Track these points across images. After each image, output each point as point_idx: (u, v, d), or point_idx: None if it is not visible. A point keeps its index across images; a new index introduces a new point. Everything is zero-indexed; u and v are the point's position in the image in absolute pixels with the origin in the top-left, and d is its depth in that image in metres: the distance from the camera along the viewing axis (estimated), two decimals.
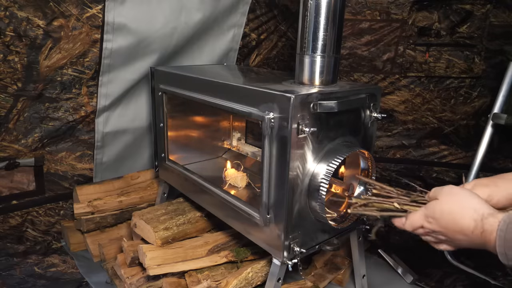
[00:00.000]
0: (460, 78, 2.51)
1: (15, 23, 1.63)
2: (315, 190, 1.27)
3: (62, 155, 2.04)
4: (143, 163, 2.36)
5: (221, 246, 1.72)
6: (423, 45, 2.49)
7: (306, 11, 1.29)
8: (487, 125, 1.94)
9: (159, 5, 1.88)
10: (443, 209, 0.89)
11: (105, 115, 2.03)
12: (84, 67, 1.87)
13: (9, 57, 1.67)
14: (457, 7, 2.38)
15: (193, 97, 1.61)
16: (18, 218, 1.99)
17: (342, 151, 1.31)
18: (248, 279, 1.55)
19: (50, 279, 1.86)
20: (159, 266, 1.58)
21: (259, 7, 2.44)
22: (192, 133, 2.10)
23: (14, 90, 1.74)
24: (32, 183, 2.00)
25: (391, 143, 2.77)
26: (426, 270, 2.00)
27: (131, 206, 2.11)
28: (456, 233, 0.88)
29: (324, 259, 1.93)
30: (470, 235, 0.85)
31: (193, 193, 1.80)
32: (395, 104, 2.67)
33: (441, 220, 0.90)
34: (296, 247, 1.31)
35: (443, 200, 0.91)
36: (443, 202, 0.90)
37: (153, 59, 1.99)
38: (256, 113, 1.28)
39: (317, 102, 1.22)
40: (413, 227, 0.96)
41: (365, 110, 1.44)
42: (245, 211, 1.43)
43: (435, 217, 0.90)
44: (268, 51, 2.66)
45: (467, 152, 2.62)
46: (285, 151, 1.21)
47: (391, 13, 2.47)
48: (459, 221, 0.86)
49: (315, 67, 1.34)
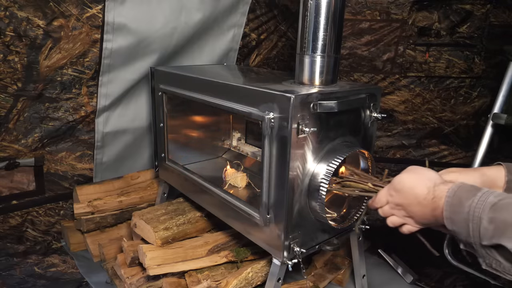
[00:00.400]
0: (460, 78, 2.51)
1: (15, 23, 1.63)
2: (315, 190, 1.27)
3: (62, 155, 2.04)
4: (143, 163, 2.36)
5: (221, 246, 1.72)
6: (423, 45, 2.49)
7: (306, 11, 1.29)
8: (487, 125, 1.94)
9: (159, 5, 1.88)
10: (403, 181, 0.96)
11: (105, 115, 2.03)
12: (84, 67, 1.87)
13: (9, 57, 1.67)
14: (457, 7, 2.38)
15: (193, 97, 1.61)
16: (18, 218, 1.99)
17: (342, 151, 1.31)
18: (248, 279, 1.55)
19: (50, 279, 1.86)
20: (159, 266, 1.58)
21: (259, 7, 2.44)
22: (192, 133, 2.10)
23: (14, 90, 1.74)
24: (32, 183, 2.00)
25: (391, 143, 2.77)
26: (426, 270, 2.00)
27: (131, 206, 2.11)
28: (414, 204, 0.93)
29: (324, 259, 1.93)
30: (423, 202, 0.90)
31: (193, 193, 1.80)
32: (395, 104, 2.67)
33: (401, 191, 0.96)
34: (296, 247, 1.31)
35: (403, 174, 0.98)
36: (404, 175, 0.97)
37: (153, 59, 1.99)
38: (256, 113, 1.28)
39: (317, 102, 1.22)
40: (381, 203, 1.03)
41: (365, 110, 1.44)
42: (245, 211, 1.43)
43: (396, 188, 0.97)
44: (268, 51, 2.66)
45: (467, 152, 2.62)
46: (285, 151, 1.21)
47: (391, 13, 2.47)
48: (415, 190, 0.92)
49: (315, 67, 1.34)
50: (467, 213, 0.78)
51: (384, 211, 1.02)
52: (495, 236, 0.73)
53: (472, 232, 0.77)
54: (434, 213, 0.88)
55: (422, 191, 0.90)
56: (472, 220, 0.77)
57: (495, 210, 0.75)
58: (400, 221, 1.00)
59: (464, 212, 0.79)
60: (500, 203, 0.75)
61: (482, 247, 0.77)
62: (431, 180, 0.91)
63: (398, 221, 1.00)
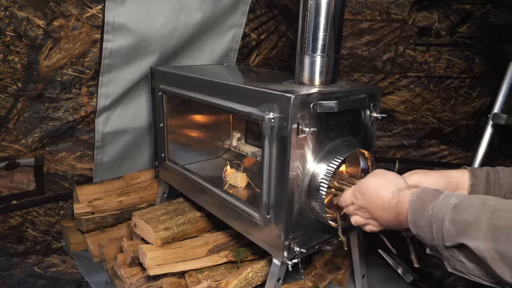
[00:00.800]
0: (460, 78, 2.51)
1: (15, 23, 1.63)
2: (315, 190, 1.27)
3: (62, 155, 2.04)
4: (143, 163, 2.36)
5: (221, 246, 1.72)
6: (423, 45, 2.49)
7: (306, 11, 1.29)
8: (487, 125, 1.94)
9: (159, 5, 1.88)
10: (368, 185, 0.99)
11: (105, 115, 2.03)
12: (84, 67, 1.87)
13: (9, 57, 1.67)
14: (457, 7, 2.38)
15: (193, 97, 1.61)
16: (18, 218, 1.99)
17: (342, 151, 1.31)
18: (248, 279, 1.55)
19: (50, 279, 1.86)
20: (159, 266, 1.58)
21: (259, 7, 2.44)
22: (192, 133, 2.09)
23: (14, 90, 1.74)
24: (32, 183, 2.00)
25: (391, 143, 2.77)
26: (426, 270, 2.00)
27: (131, 206, 2.11)
28: (378, 208, 0.96)
29: (324, 259, 1.93)
30: (387, 207, 0.92)
31: (193, 193, 1.80)
32: (395, 104, 2.67)
33: (366, 195, 0.99)
34: (296, 247, 1.31)
35: (369, 177, 1.01)
36: (369, 179, 1.00)
37: (153, 59, 1.99)
38: (256, 113, 1.28)
39: (317, 102, 1.22)
40: (346, 203, 1.06)
41: (365, 110, 1.44)
42: (245, 211, 1.43)
43: (362, 192, 1.00)
44: (268, 51, 2.66)
45: (467, 152, 2.62)
46: (285, 151, 1.21)
47: (391, 13, 2.47)
48: (379, 194, 0.94)
49: (315, 67, 1.34)
50: (430, 215, 0.79)
51: (349, 210, 1.06)
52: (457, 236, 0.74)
53: (436, 234, 0.78)
54: (398, 217, 0.90)
55: (386, 196, 0.92)
56: (435, 222, 0.78)
57: (457, 211, 0.76)
58: (364, 221, 1.03)
59: (427, 215, 0.80)
60: (461, 204, 0.77)
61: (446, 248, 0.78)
62: (395, 185, 0.93)
63: (362, 221, 1.03)
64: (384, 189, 0.94)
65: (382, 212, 0.94)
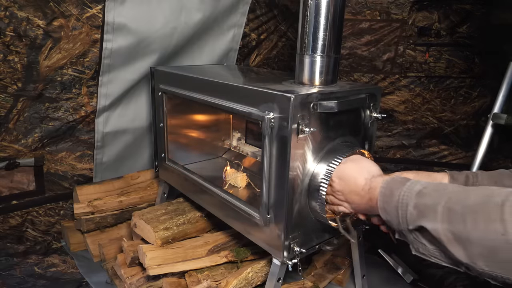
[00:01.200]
0: (460, 78, 2.51)
1: (15, 23, 1.63)
2: (315, 190, 1.27)
3: (62, 155, 2.04)
4: (143, 163, 2.36)
5: (221, 246, 1.72)
6: (423, 45, 2.49)
7: (306, 11, 1.29)
8: (487, 125, 1.94)
9: (159, 5, 1.88)
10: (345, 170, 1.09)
11: (105, 115, 2.03)
12: (84, 67, 1.87)
13: (9, 57, 1.67)
14: (457, 7, 2.38)
15: (193, 97, 1.61)
16: (18, 218, 1.99)
17: (342, 151, 1.31)
18: (248, 279, 1.55)
19: (50, 279, 1.86)
20: (159, 266, 1.58)
21: (259, 7, 2.44)
22: (192, 133, 2.09)
23: (14, 90, 1.74)
24: (32, 183, 2.00)
25: (391, 143, 2.77)
26: (426, 270, 2.00)
27: (131, 206, 2.11)
28: (352, 193, 1.05)
29: (324, 259, 1.93)
30: (361, 193, 1.01)
31: (193, 193, 1.80)
32: (395, 104, 2.67)
33: (342, 179, 1.09)
34: (296, 247, 1.31)
35: (347, 163, 1.11)
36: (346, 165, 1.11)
37: (153, 59, 1.99)
38: (256, 113, 1.28)
39: (317, 102, 1.22)
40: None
41: (365, 110, 1.44)
42: (245, 211, 1.43)
43: (338, 175, 1.10)
44: (268, 51, 2.66)
45: (467, 152, 2.62)
46: (285, 151, 1.21)
47: (391, 13, 2.47)
48: (355, 181, 1.03)
49: (315, 67, 1.34)
50: (397, 201, 0.86)
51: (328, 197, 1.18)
52: (418, 219, 0.80)
53: (401, 218, 0.84)
54: (370, 203, 0.97)
55: (360, 182, 1.01)
56: (401, 207, 0.85)
57: (420, 196, 0.82)
58: (338, 203, 1.14)
59: (394, 201, 0.87)
60: (424, 190, 0.83)
61: (409, 232, 0.84)
62: (370, 172, 1.02)
63: (336, 202, 1.15)
64: (360, 175, 1.02)
65: (356, 197, 1.03)
